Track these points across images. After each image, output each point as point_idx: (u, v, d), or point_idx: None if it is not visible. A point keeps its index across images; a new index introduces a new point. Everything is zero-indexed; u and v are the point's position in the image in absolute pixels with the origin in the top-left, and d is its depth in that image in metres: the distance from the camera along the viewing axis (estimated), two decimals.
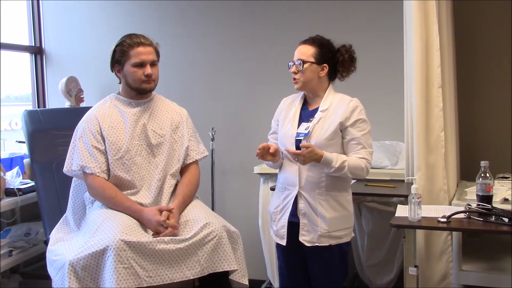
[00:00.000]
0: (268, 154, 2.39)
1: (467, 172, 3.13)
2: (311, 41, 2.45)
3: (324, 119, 2.40)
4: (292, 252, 2.47)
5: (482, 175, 2.37)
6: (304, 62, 2.40)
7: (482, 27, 3.30)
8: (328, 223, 2.36)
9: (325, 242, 2.38)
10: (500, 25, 3.23)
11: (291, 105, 2.54)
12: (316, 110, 2.45)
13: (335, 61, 2.46)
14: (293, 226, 2.42)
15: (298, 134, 2.40)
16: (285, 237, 2.44)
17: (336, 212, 2.39)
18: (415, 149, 2.80)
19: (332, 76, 2.48)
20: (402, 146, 3.22)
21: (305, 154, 2.26)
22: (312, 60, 2.41)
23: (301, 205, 2.40)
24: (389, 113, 3.39)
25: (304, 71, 2.40)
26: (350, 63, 2.47)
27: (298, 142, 2.39)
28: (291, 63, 2.45)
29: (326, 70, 2.43)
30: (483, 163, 2.38)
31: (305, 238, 2.40)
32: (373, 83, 3.46)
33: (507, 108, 3.24)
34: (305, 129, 2.40)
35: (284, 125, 2.49)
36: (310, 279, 2.49)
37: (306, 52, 2.42)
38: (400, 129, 3.03)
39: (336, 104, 2.42)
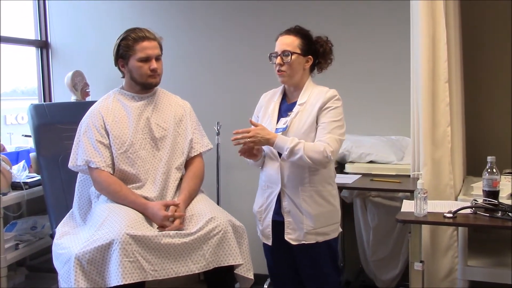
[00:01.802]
0: (251, 154, 2.33)
1: (473, 167, 3.11)
2: (295, 31, 2.36)
3: (301, 112, 2.33)
4: (280, 252, 2.42)
5: (489, 170, 2.36)
6: (291, 53, 2.31)
7: (489, 24, 3.27)
8: (313, 220, 2.31)
9: (311, 240, 2.33)
10: (507, 22, 3.21)
11: (270, 100, 2.47)
12: (294, 103, 2.38)
13: (317, 53, 2.40)
14: (278, 224, 2.37)
15: (277, 130, 2.34)
16: (271, 236, 2.40)
17: (321, 207, 2.33)
18: (421, 144, 2.79)
19: (311, 68, 2.42)
20: (408, 141, 3.21)
21: (253, 133, 2.21)
22: (298, 51, 2.33)
23: (285, 203, 2.35)
24: (395, 107, 3.38)
25: (292, 63, 2.32)
26: (329, 54, 2.41)
27: None
28: (274, 55, 2.36)
29: (310, 62, 2.37)
30: (489, 158, 2.36)
31: (291, 236, 2.35)
32: (379, 78, 3.44)
33: None
34: (283, 124, 2.34)
35: (263, 121, 2.43)
36: (302, 279, 2.44)
37: (291, 43, 2.33)
38: (406, 124, 3.02)
39: (314, 97, 2.34)
